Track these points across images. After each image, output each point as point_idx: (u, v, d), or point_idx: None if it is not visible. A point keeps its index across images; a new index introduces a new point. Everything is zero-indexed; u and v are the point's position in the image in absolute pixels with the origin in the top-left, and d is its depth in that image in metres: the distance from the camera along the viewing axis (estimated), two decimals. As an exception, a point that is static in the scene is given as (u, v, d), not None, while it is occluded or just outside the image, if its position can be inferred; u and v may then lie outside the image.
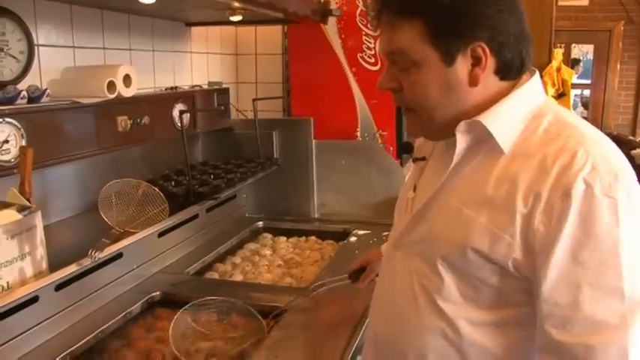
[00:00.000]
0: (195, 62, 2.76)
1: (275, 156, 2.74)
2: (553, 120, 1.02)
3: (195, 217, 2.32)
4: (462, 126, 1.02)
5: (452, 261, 1.03)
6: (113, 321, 1.71)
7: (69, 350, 1.54)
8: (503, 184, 0.98)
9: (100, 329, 1.65)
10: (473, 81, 1.02)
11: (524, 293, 1.00)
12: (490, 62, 1.01)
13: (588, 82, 8.08)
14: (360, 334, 1.58)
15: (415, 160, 1.21)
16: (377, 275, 1.45)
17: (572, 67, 7.30)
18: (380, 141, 2.83)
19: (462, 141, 1.03)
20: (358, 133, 2.85)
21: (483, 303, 1.03)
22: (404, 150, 1.24)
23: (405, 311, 1.10)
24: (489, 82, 1.03)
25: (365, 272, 1.63)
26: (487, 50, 0.99)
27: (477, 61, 1.00)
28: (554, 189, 0.94)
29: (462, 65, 1.00)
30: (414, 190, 1.17)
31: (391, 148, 2.84)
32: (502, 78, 1.04)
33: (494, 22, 0.99)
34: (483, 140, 1.03)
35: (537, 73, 1.09)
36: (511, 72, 1.04)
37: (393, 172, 2.64)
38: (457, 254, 1.02)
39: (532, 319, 0.99)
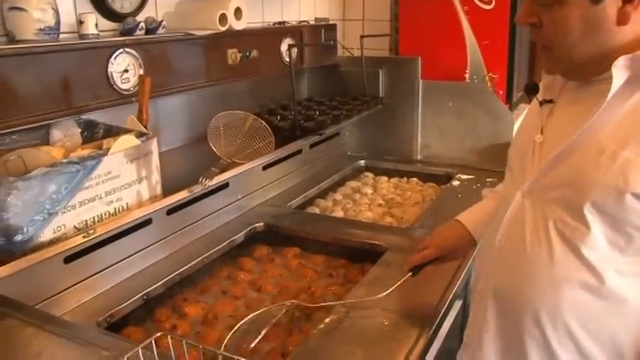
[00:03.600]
0: (303, -3, 2.74)
1: (380, 95, 2.70)
2: None
3: (299, 152, 2.36)
4: (620, 61, 0.96)
5: (603, 207, 0.98)
6: (218, 248, 1.78)
7: (178, 271, 1.63)
8: None
9: (206, 254, 1.73)
10: (622, 19, 0.96)
11: None
12: None
13: None
14: (461, 278, 1.56)
15: (542, 102, 1.13)
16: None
17: None
18: (489, 84, 2.71)
19: (618, 77, 0.97)
20: (467, 75, 2.75)
21: (633, 251, 0.99)
22: (529, 91, 1.16)
23: (537, 262, 1.05)
24: (638, 18, 0.96)
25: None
26: None
27: None
28: None
29: (611, 2, 0.95)
30: (541, 133, 1.11)
31: (501, 92, 2.73)
32: None
33: None
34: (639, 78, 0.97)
35: None
36: None
37: (502, 117, 2.53)
38: (612, 199, 0.96)
39: None
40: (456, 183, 2.40)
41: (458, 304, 1.63)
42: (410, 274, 1.38)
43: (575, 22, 0.97)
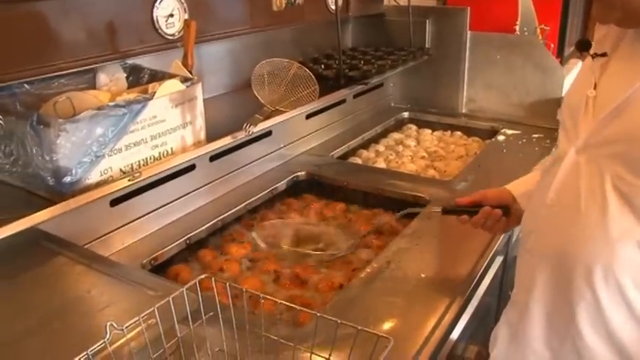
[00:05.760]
0: (350, -57, 2.66)
1: (427, 46, 2.63)
2: None
3: (343, 102, 2.34)
4: None
5: None
6: (260, 195, 1.80)
7: (221, 217, 1.65)
8: None
9: (248, 201, 1.75)
10: None
11: None
12: None
13: None
14: (503, 234, 1.54)
15: (595, 55, 1.07)
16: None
17: None
18: (540, 37, 2.62)
19: None
20: (517, 27, 2.67)
21: None
22: (581, 47, 1.10)
23: (591, 220, 1.00)
24: None
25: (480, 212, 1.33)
26: None
27: None
28: None
29: None
30: (595, 88, 1.05)
31: (552, 45, 2.64)
32: None
33: None
34: None
35: None
36: None
37: (551, 71, 2.45)
38: None
39: None
40: (501, 138, 2.35)
41: (499, 260, 1.61)
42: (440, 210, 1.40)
43: None
